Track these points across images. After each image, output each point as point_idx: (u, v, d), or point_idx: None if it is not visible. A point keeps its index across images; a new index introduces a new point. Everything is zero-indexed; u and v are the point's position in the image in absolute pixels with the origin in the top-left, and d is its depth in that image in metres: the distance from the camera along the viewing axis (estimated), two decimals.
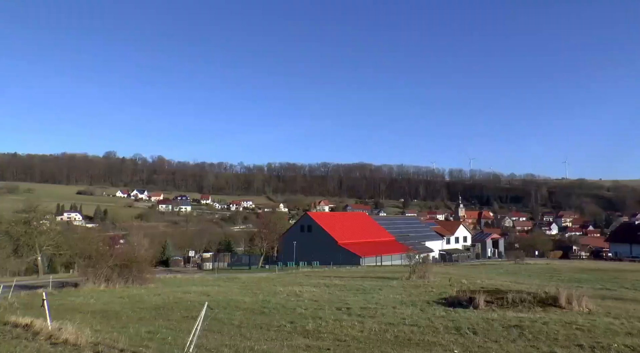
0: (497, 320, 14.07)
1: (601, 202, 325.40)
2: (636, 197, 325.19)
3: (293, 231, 75.84)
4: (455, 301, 17.58)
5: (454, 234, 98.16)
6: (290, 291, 23.25)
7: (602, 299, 20.94)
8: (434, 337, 12.04)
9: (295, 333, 12.85)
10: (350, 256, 63.89)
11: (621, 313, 16.01)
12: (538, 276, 37.63)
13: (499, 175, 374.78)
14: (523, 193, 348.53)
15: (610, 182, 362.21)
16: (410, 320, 14.20)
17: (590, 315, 15.28)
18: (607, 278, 35.93)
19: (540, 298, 17.30)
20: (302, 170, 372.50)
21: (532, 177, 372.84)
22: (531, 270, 45.08)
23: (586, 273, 41.82)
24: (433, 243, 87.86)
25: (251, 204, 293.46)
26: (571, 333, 12.42)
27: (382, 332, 12.73)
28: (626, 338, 11.92)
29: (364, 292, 22.06)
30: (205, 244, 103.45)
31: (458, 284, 23.58)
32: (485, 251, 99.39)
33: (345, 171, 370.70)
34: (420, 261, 33.42)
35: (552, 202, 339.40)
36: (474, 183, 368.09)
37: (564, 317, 14.69)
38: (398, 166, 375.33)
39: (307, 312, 16.36)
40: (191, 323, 12.60)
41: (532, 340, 11.69)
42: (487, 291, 19.46)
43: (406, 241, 78.38)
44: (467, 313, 15.46)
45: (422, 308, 16.69)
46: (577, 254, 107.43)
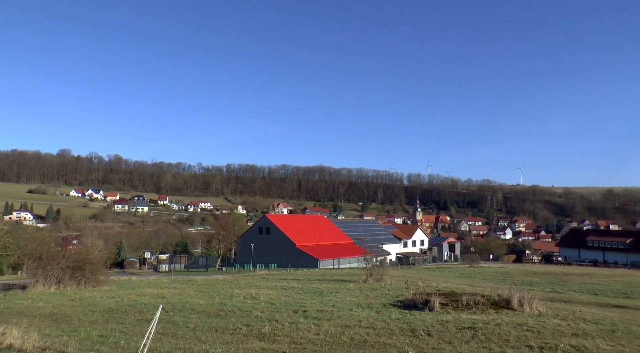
0: (452, 322, 14.24)
1: (553, 208, 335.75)
2: (585, 203, 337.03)
3: (251, 233, 75.36)
4: (411, 303, 17.71)
5: (412, 238, 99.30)
6: (247, 294, 23.03)
7: (552, 301, 21.49)
8: (389, 338, 12.11)
9: (251, 336, 12.72)
10: (308, 258, 63.88)
11: (568, 314, 16.47)
12: (492, 279, 38.35)
13: (456, 180, 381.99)
14: (479, 199, 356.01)
15: (561, 189, 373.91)
16: (366, 323, 14.23)
17: (540, 317, 15.64)
18: (557, 282, 36.96)
19: (494, 301, 17.60)
20: (261, 172, 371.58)
21: (489, 182, 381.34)
22: (485, 274, 45.93)
23: (537, 276, 42.87)
24: (390, 247, 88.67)
25: (209, 205, 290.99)
26: (522, 335, 12.69)
27: (338, 334, 12.73)
28: (572, 339, 12.30)
29: (320, 295, 22.03)
30: (161, 245, 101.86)
31: (414, 287, 23.78)
32: (442, 254, 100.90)
33: (304, 174, 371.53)
34: (378, 264, 33.63)
35: (507, 207, 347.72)
36: (431, 187, 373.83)
37: (515, 319, 14.99)
38: (357, 169, 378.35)
39: (264, 314, 16.23)
40: (145, 327, 12.35)
41: (485, 341, 11.90)
42: (443, 294, 19.71)
43: (364, 244, 78.81)
44: (422, 315, 15.60)
45: (379, 310, 16.76)
46: (529, 258, 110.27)
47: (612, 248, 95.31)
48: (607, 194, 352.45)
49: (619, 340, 12.46)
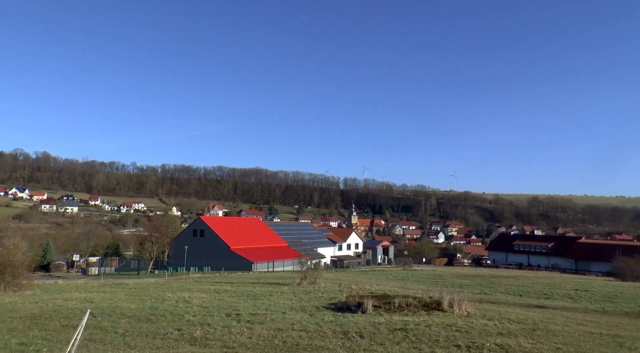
0: (384, 324, 14.46)
1: (483, 213, 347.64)
2: (513, 210, 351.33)
3: (185, 235, 74.05)
4: (344, 306, 17.87)
5: (346, 241, 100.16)
6: (179, 297, 22.60)
7: (480, 303, 22.26)
8: (321, 341, 12.17)
9: (182, 341, 12.49)
10: (243, 261, 63.37)
11: (495, 315, 17.11)
12: (424, 282, 39.19)
13: (391, 185, 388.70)
14: (414, 203, 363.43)
15: (491, 196, 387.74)
16: (299, 326, 14.25)
17: (469, 318, 16.16)
18: (485, 284, 38.22)
19: (425, 303, 18.01)
20: (197, 173, 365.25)
21: (423, 188, 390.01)
22: (418, 276, 46.87)
23: (467, 279, 44.16)
24: (325, 250, 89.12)
25: (143, 206, 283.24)
26: (451, 335, 13.07)
27: (270, 337, 12.69)
28: (497, 338, 12.82)
29: (254, 298, 21.91)
30: (91, 248, 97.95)
31: (348, 290, 24.03)
32: (376, 258, 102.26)
33: (240, 176, 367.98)
34: (312, 267, 33.71)
35: (440, 212, 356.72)
36: (367, 192, 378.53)
37: (445, 320, 15.40)
38: (294, 173, 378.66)
39: (196, 318, 15.95)
40: (71, 333, 11.90)
41: (416, 342, 12.16)
42: (376, 296, 19.99)
43: (299, 247, 78.97)
44: (355, 317, 15.76)
45: (312, 313, 16.81)
46: (460, 261, 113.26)
47: (536, 252, 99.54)
48: (532, 201, 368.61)
49: (539, 338, 13.15)
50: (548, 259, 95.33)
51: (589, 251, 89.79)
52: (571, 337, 13.54)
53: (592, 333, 14.39)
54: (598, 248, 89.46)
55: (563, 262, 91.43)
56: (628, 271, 56.95)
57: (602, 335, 13.99)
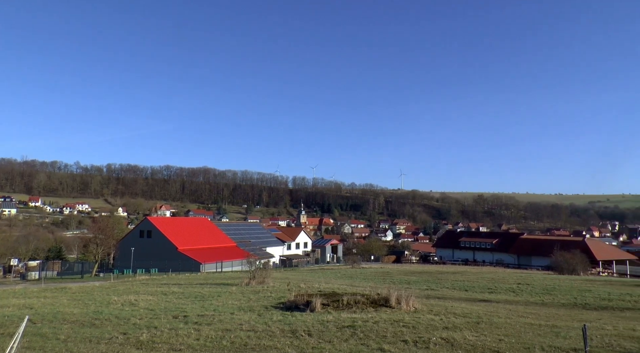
0: (332, 322, 14.55)
1: (431, 211, 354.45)
2: (459, 207, 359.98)
3: (131, 236, 72.45)
4: (292, 305, 17.88)
5: (295, 240, 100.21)
6: (125, 300, 22.07)
7: (427, 298, 22.72)
8: (270, 341, 12.14)
9: (127, 345, 12.18)
10: (191, 262, 62.53)
11: (441, 310, 17.52)
12: (373, 279, 39.64)
13: (340, 184, 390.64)
14: (362, 202, 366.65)
15: (439, 194, 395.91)
16: (247, 326, 14.17)
17: (416, 313, 16.46)
18: (432, 280, 39.00)
19: (373, 300, 18.23)
20: (143, 173, 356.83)
21: (371, 186, 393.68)
22: (366, 274, 47.35)
23: (415, 275, 44.95)
24: (274, 249, 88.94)
25: (87, 207, 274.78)
26: (398, 331, 13.28)
27: (218, 338, 12.57)
28: (443, 332, 13.14)
29: (202, 299, 21.64)
30: (31, 251, 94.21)
31: (296, 289, 24.06)
32: (325, 256, 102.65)
33: (188, 175, 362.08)
34: (261, 267, 33.59)
35: (388, 210, 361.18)
36: (316, 191, 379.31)
37: (393, 316, 15.65)
38: (242, 172, 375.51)
39: (142, 321, 15.61)
40: (7, 342, 11.44)
41: (364, 339, 12.28)
42: (324, 294, 20.11)
43: (247, 247, 78.54)
44: (303, 316, 15.80)
45: (260, 313, 16.74)
46: (408, 258, 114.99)
47: (481, 248, 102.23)
48: (478, 199, 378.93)
49: (483, 330, 13.57)
50: (492, 255, 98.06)
51: (530, 246, 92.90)
52: (513, 328, 14.03)
53: (532, 324, 14.95)
54: (538, 243, 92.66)
55: (506, 257, 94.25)
56: (565, 265, 59.30)
57: (540, 326, 14.56)
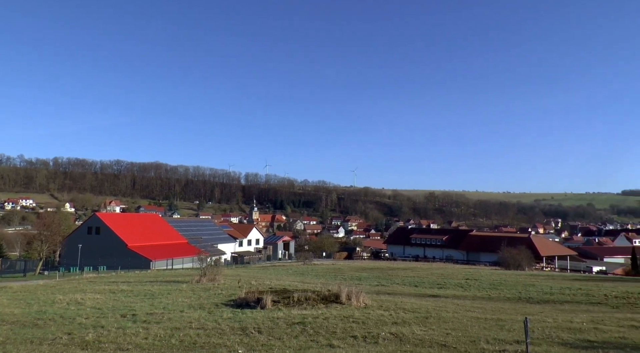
0: (282, 319, 14.55)
1: (383, 208, 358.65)
2: (411, 205, 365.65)
3: (79, 233, 70.56)
4: (243, 302, 17.79)
5: (247, 237, 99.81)
6: (71, 299, 21.42)
7: (377, 294, 23.00)
8: (219, 338, 12.04)
9: (72, 346, 11.82)
10: (141, 260, 61.41)
11: (391, 305, 17.77)
12: (324, 275, 39.82)
13: (292, 180, 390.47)
14: (315, 199, 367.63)
15: (391, 191, 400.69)
16: (197, 324, 14.01)
17: (366, 309, 16.63)
18: (383, 276, 39.48)
19: (324, 296, 18.31)
20: (92, 167, 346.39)
21: (324, 183, 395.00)
22: (318, 271, 47.54)
23: (366, 272, 45.40)
24: (226, 246, 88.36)
25: (32, 203, 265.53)
26: (348, 326, 13.40)
27: (167, 337, 12.37)
28: (392, 327, 13.35)
29: (151, 297, 21.26)
30: None
31: (247, 286, 23.93)
32: (277, 253, 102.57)
33: (139, 170, 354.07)
34: (212, 264, 33.30)
35: (340, 207, 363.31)
36: (269, 187, 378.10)
37: (343, 312, 15.76)
38: (194, 167, 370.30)
39: (89, 321, 15.18)
40: None
41: (313, 335, 12.34)
42: (275, 291, 20.09)
43: (199, 244, 77.70)
44: (254, 313, 15.75)
45: (210, 310, 16.59)
46: (359, 255, 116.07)
47: (431, 245, 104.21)
48: (429, 196, 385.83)
49: (431, 325, 13.86)
50: (442, 251, 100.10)
51: (478, 243, 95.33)
52: (460, 322, 14.38)
53: (478, 318, 15.35)
54: (486, 240, 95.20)
55: (456, 253, 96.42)
56: (511, 260, 61.17)
57: (486, 320, 14.97)
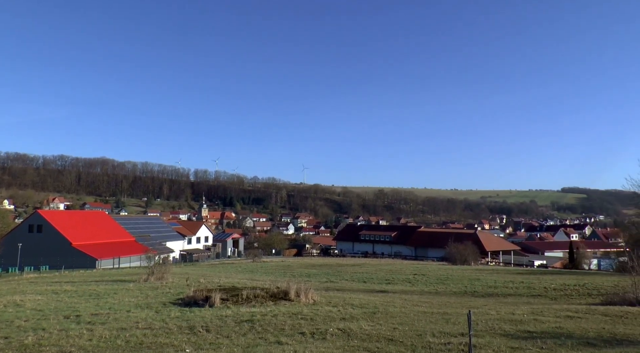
0: (231, 316, 14.48)
1: (332, 205, 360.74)
2: (360, 201, 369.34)
3: (19, 231, 68.06)
4: (191, 301, 17.61)
5: (196, 234, 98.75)
6: (9, 301, 20.57)
7: (326, 291, 23.18)
8: (166, 338, 11.87)
9: (9, 350, 11.30)
10: (86, 258, 59.80)
11: (339, 301, 17.95)
12: (273, 273, 39.85)
13: (242, 177, 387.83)
14: (264, 196, 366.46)
15: (340, 188, 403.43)
16: (144, 324, 13.75)
17: (315, 305, 16.74)
18: (332, 272, 39.81)
19: (273, 293, 18.32)
20: (34, 163, 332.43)
21: (274, 180, 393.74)
22: (267, 268, 47.51)
23: (315, 268, 45.64)
24: (174, 244, 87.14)
25: None
26: (296, 323, 13.45)
27: (113, 338, 12.09)
28: (340, 323, 13.47)
29: (97, 297, 20.73)
30: None
31: (196, 284, 23.69)
32: (226, 250, 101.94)
33: (85, 166, 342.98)
34: (160, 262, 32.82)
35: (290, 204, 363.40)
36: (218, 184, 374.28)
37: (292, 309, 15.82)
38: (142, 163, 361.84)
39: (28, 323, 14.60)
40: None
41: (262, 332, 12.33)
42: (224, 289, 19.96)
43: (147, 242, 76.32)
44: (202, 311, 15.61)
45: (158, 310, 16.32)
46: (309, 252, 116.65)
47: (380, 241, 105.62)
48: (378, 193, 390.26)
49: (379, 320, 14.06)
50: (391, 247, 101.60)
51: (426, 239, 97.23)
52: (407, 317, 14.66)
53: (425, 312, 15.70)
54: (434, 236, 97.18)
55: (404, 249, 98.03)
56: (458, 255, 62.66)
57: (433, 314, 15.32)
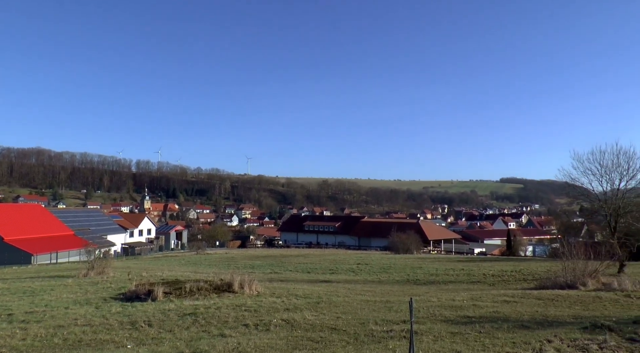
0: (174, 310, 14.34)
1: (277, 196, 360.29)
2: (304, 192, 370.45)
3: None
4: (133, 295, 17.29)
5: (138, 227, 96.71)
6: None
7: (270, 282, 23.21)
8: (107, 334, 11.63)
9: None
10: (20, 254, 57.50)
11: (283, 292, 18.04)
12: (217, 265, 39.55)
13: (186, 168, 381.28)
14: (208, 187, 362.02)
15: (284, 179, 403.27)
16: (83, 320, 13.38)
17: (259, 297, 16.77)
18: (276, 263, 39.87)
19: (217, 285, 18.21)
20: None
21: (217, 171, 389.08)
22: (211, 260, 47.12)
23: (259, 259, 45.59)
24: (116, 237, 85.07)
25: None
26: (240, 315, 13.46)
27: (49, 336, 11.69)
28: (284, 314, 13.58)
29: (32, 294, 19.98)
30: None
31: (138, 278, 23.18)
32: (169, 243, 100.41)
33: (18, 156, 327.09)
34: (101, 256, 31.95)
35: (234, 196, 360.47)
36: (161, 175, 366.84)
37: (235, 301, 15.79)
38: (81, 154, 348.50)
39: None
40: None
41: (205, 325, 12.29)
42: (167, 282, 19.67)
43: (86, 235, 74.11)
44: (144, 306, 15.36)
45: (98, 305, 15.91)
46: (253, 243, 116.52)
47: (324, 232, 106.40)
48: (322, 184, 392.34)
49: (322, 309, 14.26)
50: (335, 237, 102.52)
51: (370, 229, 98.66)
52: (350, 306, 14.90)
53: (368, 301, 15.99)
54: (378, 226, 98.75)
55: (348, 239, 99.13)
56: (400, 245, 63.98)
57: (376, 302, 15.63)
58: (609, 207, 28.90)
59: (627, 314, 12.64)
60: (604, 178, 29.51)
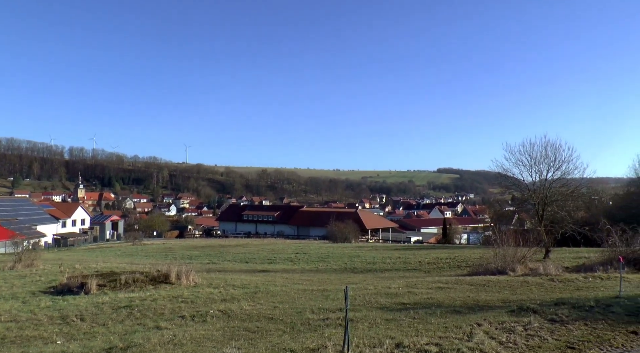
0: (108, 303, 14.02)
1: (215, 185, 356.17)
2: (243, 182, 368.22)
3: None
4: (65, 288, 16.78)
5: (72, 217, 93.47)
6: None
7: (208, 272, 23.05)
8: (34, 330, 11.16)
9: None
10: None
11: (221, 283, 17.98)
12: (154, 256, 38.92)
13: (122, 156, 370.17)
14: (145, 176, 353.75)
15: (223, 168, 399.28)
16: (7, 316, 12.79)
17: (196, 288, 16.66)
18: (215, 254, 39.61)
19: (153, 277, 17.96)
20: None
21: (155, 159, 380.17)
22: (148, 251, 46.29)
23: (197, 250, 45.14)
24: (47, 227, 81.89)
25: None
26: (177, 306, 13.34)
27: None
28: (221, 304, 13.54)
29: None
30: None
31: (70, 270, 22.47)
32: (104, 233, 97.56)
33: None
34: (30, 247, 30.79)
35: (172, 185, 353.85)
36: (96, 163, 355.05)
37: (172, 292, 15.61)
38: (8, 139, 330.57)
39: None
40: None
41: (140, 318, 12.10)
42: (101, 274, 19.19)
43: (13, 225, 71.00)
44: (77, 299, 14.92)
45: (25, 300, 15.27)
46: (191, 233, 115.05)
47: (263, 221, 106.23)
48: (261, 174, 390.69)
49: (259, 299, 14.32)
50: (274, 227, 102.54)
51: (309, 218, 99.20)
52: (287, 295, 15.03)
53: (305, 290, 16.16)
54: (316, 215, 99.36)
55: (287, 228, 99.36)
56: (339, 234, 64.64)
57: (313, 291, 15.82)
58: (537, 196, 30.20)
59: (550, 297, 13.32)
60: (533, 169, 30.83)
